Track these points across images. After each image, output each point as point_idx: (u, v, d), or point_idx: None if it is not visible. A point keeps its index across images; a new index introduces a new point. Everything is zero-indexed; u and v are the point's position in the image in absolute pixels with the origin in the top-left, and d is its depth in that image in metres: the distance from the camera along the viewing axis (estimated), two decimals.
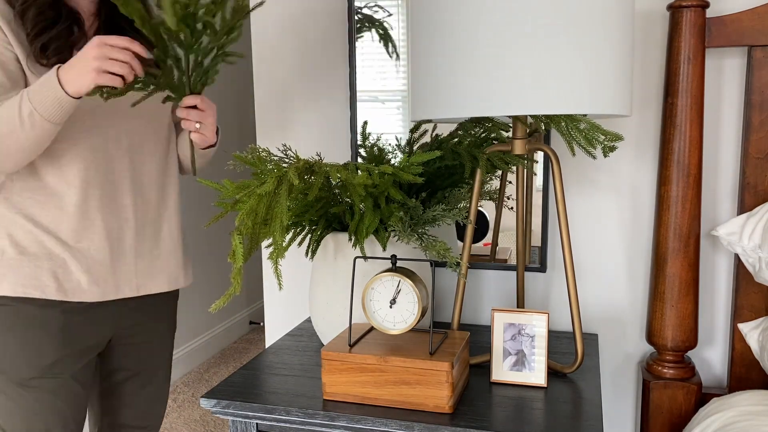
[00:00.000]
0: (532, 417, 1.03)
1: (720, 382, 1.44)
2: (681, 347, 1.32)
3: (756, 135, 1.30)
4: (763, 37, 1.26)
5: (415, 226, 1.20)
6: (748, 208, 1.32)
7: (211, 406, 1.11)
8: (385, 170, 1.08)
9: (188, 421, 2.64)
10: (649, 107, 1.39)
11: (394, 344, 1.10)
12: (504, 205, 1.47)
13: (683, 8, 1.25)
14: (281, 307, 1.70)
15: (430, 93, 1.04)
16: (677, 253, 1.30)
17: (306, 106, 1.60)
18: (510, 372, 1.15)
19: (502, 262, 1.50)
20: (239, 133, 3.65)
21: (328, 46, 1.56)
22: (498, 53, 0.96)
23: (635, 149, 1.41)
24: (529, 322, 1.13)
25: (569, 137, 1.16)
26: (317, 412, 1.05)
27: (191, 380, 3.06)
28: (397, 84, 1.50)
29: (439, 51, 1.02)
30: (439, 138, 1.33)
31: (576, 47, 0.96)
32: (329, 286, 1.25)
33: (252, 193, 1.04)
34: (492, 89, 0.97)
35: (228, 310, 3.59)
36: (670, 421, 1.34)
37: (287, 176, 1.04)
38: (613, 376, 1.50)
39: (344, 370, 1.07)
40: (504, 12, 0.95)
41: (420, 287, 1.07)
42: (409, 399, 1.04)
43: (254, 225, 1.06)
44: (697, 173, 1.28)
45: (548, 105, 0.96)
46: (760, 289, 1.33)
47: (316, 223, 1.24)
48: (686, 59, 1.26)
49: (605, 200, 1.44)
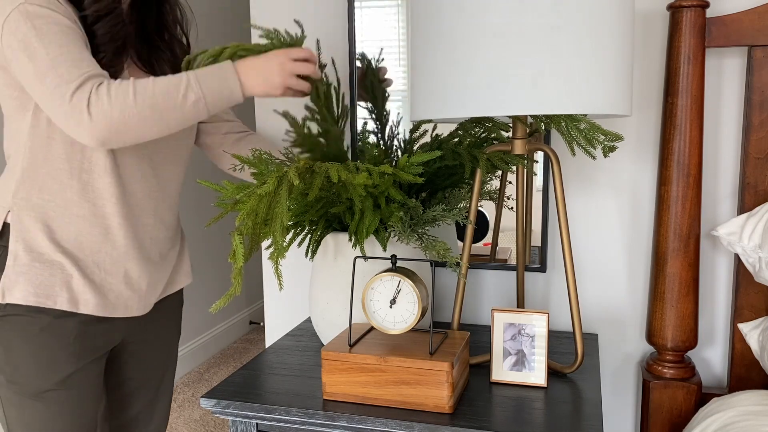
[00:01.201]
0: (532, 417, 1.03)
1: (720, 382, 1.44)
2: (681, 347, 1.32)
3: (756, 135, 1.30)
4: (763, 37, 1.26)
5: (415, 226, 1.20)
6: (748, 208, 1.32)
7: (211, 406, 1.11)
8: (385, 170, 1.08)
9: (188, 421, 2.64)
10: (649, 107, 1.39)
11: (394, 344, 1.10)
12: (504, 205, 1.47)
13: (683, 8, 1.25)
14: (281, 307, 1.70)
15: (430, 93, 1.04)
16: (677, 253, 1.30)
17: None
18: (510, 372, 1.15)
19: (502, 262, 1.50)
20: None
21: (328, 46, 1.56)
22: (498, 53, 0.96)
23: (635, 149, 1.41)
24: (529, 322, 1.13)
25: (569, 137, 1.16)
26: (317, 412, 1.05)
27: (191, 380, 3.06)
28: (397, 84, 1.50)
29: (439, 51, 1.02)
30: (439, 138, 1.33)
31: (576, 47, 0.96)
32: (329, 286, 1.25)
33: (252, 193, 1.04)
34: (492, 89, 0.97)
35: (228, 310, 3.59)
36: (670, 421, 1.34)
37: (287, 176, 1.04)
38: (613, 376, 1.50)
39: (344, 370, 1.07)
40: (504, 12, 0.95)
41: (420, 287, 1.07)
42: (409, 399, 1.04)
43: (255, 225, 1.06)
44: (697, 173, 1.28)
45: (548, 105, 0.96)
46: (760, 289, 1.33)
47: (316, 224, 1.24)
48: (686, 59, 1.26)
49: (605, 200, 1.44)
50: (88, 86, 0.98)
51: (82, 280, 1.11)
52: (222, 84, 1.04)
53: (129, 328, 1.24)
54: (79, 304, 1.11)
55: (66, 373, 1.12)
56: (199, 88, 1.02)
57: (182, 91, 1.01)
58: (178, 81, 1.02)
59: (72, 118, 0.98)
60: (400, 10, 1.48)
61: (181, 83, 1.02)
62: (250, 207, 1.03)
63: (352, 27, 1.50)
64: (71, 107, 0.97)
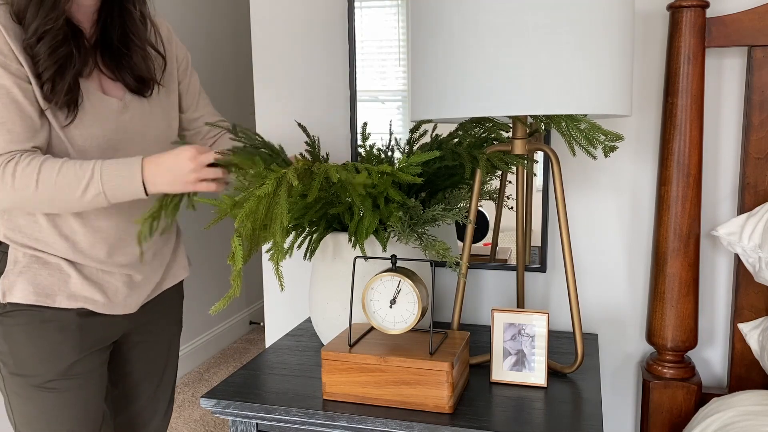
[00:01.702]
0: (532, 417, 1.03)
1: (720, 382, 1.44)
2: (681, 347, 1.32)
3: (756, 135, 1.30)
4: (763, 37, 1.26)
5: (415, 226, 1.20)
6: (748, 208, 1.32)
7: (211, 406, 1.11)
8: (384, 170, 1.08)
9: (188, 421, 2.64)
10: (649, 107, 1.39)
11: (394, 344, 1.10)
12: (504, 205, 1.47)
13: (683, 8, 1.25)
14: (281, 307, 1.70)
15: (430, 93, 1.04)
16: (677, 253, 1.30)
17: (306, 106, 1.60)
18: (510, 372, 1.15)
19: (502, 262, 1.50)
20: None
21: (328, 46, 1.56)
22: (498, 53, 0.96)
23: (635, 149, 1.41)
24: (529, 322, 1.13)
25: (569, 137, 1.16)
26: (317, 412, 1.05)
27: (191, 380, 3.06)
28: (397, 84, 1.50)
29: (439, 51, 1.02)
30: (439, 138, 1.33)
31: (576, 47, 0.96)
32: (329, 286, 1.25)
33: (251, 194, 1.04)
34: (492, 89, 0.97)
35: (228, 310, 3.59)
36: (670, 421, 1.34)
37: (286, 177, 1.04)
38: (613, 376, 1.50)
39: (344, 370, 1.07)
40: (504, 12, 0.95)
41: (420, 287, 1.07)
42: (409, 399, 1.04)
43: (254, 227, 1.06)
44: (697, 173, 1.28)
45: (548, 105, 0.96)
46: (760, 289, 1.33)
47: (316, 224, 1.24)
48: (686, 59, 1.26)
49: (605, 200, 1.44)
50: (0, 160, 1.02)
51: (80, 280, 1.14)
52: (125, 181, 1.05)
53: (130, 322, 1.26)
54: (78, 302, 1.14)
55: (69, 363, 1.14)
56: (100, 183, 1.04)
57: (83, 186, 1.04)
58: (83, 174, 1.04)
59: None
60: (400, 10, 1.48)
61: (84, 177, 1.04)
62: (249, 208, 1.02)
63: (352, 27, 1.50)
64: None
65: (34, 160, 1.03)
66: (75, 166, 1.05)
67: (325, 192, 1.18)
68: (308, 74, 1.59)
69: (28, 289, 1.11)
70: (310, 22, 1.56)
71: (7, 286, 1.11)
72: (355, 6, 1.50)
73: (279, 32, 1.60)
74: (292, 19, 1.58)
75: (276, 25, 1.59)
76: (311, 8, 1.56)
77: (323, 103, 1.59)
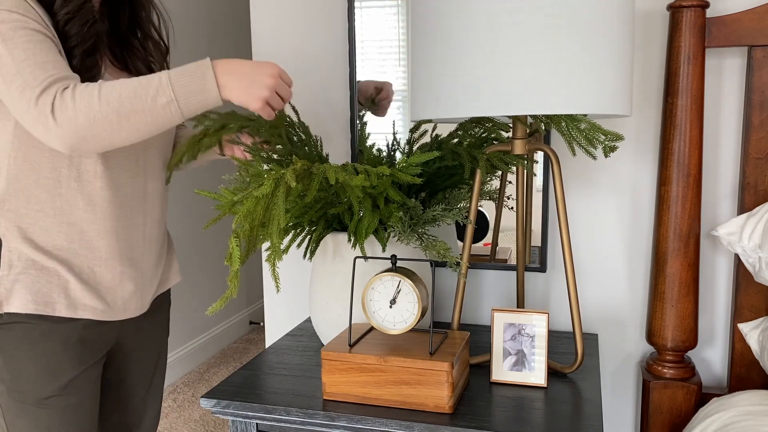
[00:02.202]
0: (532, 417, 1.03)
1: (720, 382, 1.44)
2: (681, 347, 1.32)
3: (756, 135, 1.30)
4: (763, 37, 1.26)
5: (415, 226, 1.20)
6: (748, 208, 1.32)
7: (211, 406, 1.11)
8: (382, 171, 1.08)
9: (188, 421, 2.64)
10: (649, 107, 1.39)
11: (394, 344, 1.10)
12: (504, 205, 1.47)
13: (683, 8, 1.25)
14: (281, 307, 1.70)
15: (430, 93, 1.04)
16: (677, 253, 1.30)
17: (306, 106, 1.60)
18: (510, 372, 1.15)
19: (502, 262, 1.50)
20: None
21: (328, 46, 1.56)
22: (498, 53, 0.96)
23: (635, 149, 1.41)
24: (529, 322, 1.13)
25: (569, 137, 1.16)
26: (317, 412, 1.05)
27: (191, 380, 3.06)
28: (397, 84, 1.50)
29: (439, 51, 1.02)
30: (439, 138, 1.33)
31: (576, 47, 0.96)
32: (329, 286, 1.25)
33: (249, 195, 1.04)
34: (492, 89, 0.97)
35: (228, 310, 3.59)
36: (670, 421, 1.34)
37: (285, 178, 1.04)
38: (613, 376, 1.50)
39: (344, 370, 1.07)
40: (504, 12, 0.95)
41: (420, 287, 1.07)
42: (409, 399, 1.04)
43: (252, 227, 1.05)
44: (697, 173, 1.28)
45: (548, 105, 0.96)
46: (760, 289, 1.33)
47: (315, 224, 1.24)
48: (686, 59, 1.26)
49: (605, 200, 1.44)
50: (53, 90, 0.94)
51: (79, 285, 1.10)
52: (198, 86, 0.98)
53: (123, 328, 1.24)
54: (78, 310, 1.10)
55: (68, 378, 1.10)
56: (170, 89, 0.97)
57: (152, 93, 0.96)
58: (148, 82, 0.97)
59: (39, 123, 0.95)
60: (400, 10, 1.48)
61: (151, 85, 0.96)
62: (247, 209, 1.02)
63: (352, 27, 1.50)
64: (37, 112, 0.94)
65: (90, 84, 0.96)
66: (137, 79, 0.97)
67: (325, 192, 1.18)
68: (308, 74, 1.59)
69: (27, 297, 1.05)
70: (310, 22, 1.56)
71: (4, 295, 1.05)
72: (355, 6, 1.50)
73: (279, 32, 1.60)
74: (292, 19, 1.58)
75: (276, 25, 1.59)
76: (311, 8, 1.56)
77: (323, 103, 1.59)
